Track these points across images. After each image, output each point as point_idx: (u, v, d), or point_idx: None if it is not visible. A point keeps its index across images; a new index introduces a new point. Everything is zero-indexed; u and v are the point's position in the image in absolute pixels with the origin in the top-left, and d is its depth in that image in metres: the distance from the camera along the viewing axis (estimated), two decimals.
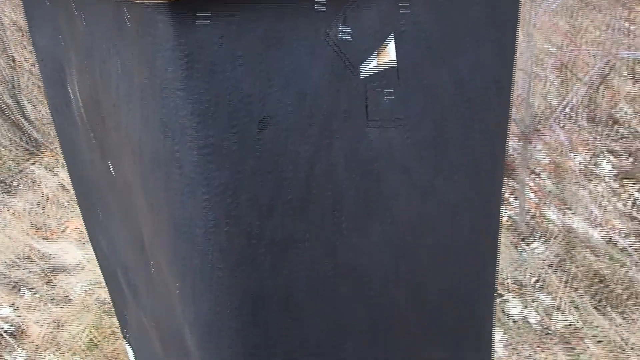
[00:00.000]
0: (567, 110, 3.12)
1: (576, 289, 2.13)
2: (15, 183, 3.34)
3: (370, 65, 0.74)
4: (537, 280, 2.25)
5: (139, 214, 0.92)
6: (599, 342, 1.91)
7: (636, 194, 2.62)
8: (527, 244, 2.50)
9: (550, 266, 2.28)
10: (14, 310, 2.51)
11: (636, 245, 2.31)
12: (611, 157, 2.96)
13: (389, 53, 0.75)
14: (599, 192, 2.66)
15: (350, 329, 0.85)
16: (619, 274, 2.13)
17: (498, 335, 2.00)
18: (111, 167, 0.99)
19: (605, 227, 2.42)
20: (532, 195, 2.73)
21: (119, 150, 0.88)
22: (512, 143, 2.96)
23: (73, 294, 2.55)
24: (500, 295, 2.20)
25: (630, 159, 2.86)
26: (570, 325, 2.01)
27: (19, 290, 2.61)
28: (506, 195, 2.82)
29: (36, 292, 2.56)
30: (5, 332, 2.35)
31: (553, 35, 3.63)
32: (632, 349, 1.85)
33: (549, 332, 2.00)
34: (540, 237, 2.51)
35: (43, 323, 2.40)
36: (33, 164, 3.42)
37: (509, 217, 2.65)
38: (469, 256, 0.95)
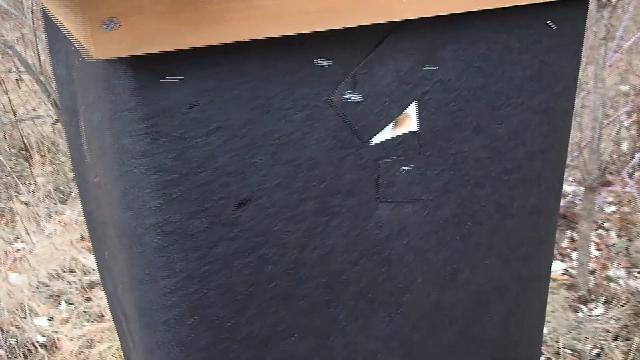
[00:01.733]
0: None
1: None
2: (71, 192, 3.39)
3: (384, 132, 0.62)
4: (597, 352, 2.01)
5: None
6: None
7: None
8: (587, 307, 2.27)
9: (613, 336, 2.05)
10: (50, 322, 2.51)
11: None
12: None
13: (409, 117, 0.63)
14: None
15: None
16: None
17: None
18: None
19: None
20: (595, 251, 2.49)
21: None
22: (575, 189, 2.73)
23: (107, 311, 2.53)
24: None
25: None
26: None
27: (58, 302, 2.62)
28: (564, 246, 2.59)
29: (73, 306, 2.56)
30: (39, 344, 2.35)
31: (632, 75, 3.36)
32: None
33: None
34: (602, 300, 2.28)
35: (75, 338, 2.38)
36: None
37: (567, 273, 2.42)
38: (501, 355, 0.80)
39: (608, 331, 2.11)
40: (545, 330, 2.12)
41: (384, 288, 0.68)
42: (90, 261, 2.84)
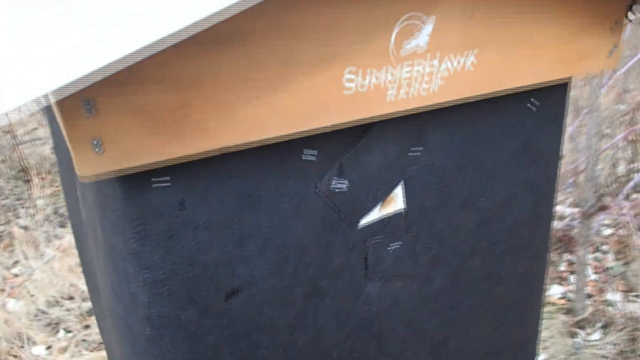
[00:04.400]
0: (637, 180, 2.86)
1: None
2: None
3: (371, 214, 0.64)
4: None
5: None
6: None
7: None
8: (585, 332, 2.27)
9: None
10: (49, 350, 2.49)
11: None
12: None
13: (395, 199, 0.65)
14: None
15: None
16: None
17: None
18: None
19: None
20: (592, 274, 2.49)
21: None
22: (573, 210, 2.73)
23: None
24: None
25: None
26: None
27: (56, 330, 2.60)
28: (562, 269, 2.59)
29: (72, 334, 2.54)
30: None
31: (628, 95, 3.37)
32: None
33: None
34: (599, 325, 2.28)
35: None
36: None
37: (565, 297, 2.43)
38: None
39: (605, 357, 2.11)
40: (542, 357, 2.12)
41: (375, 359, 0.69)
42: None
